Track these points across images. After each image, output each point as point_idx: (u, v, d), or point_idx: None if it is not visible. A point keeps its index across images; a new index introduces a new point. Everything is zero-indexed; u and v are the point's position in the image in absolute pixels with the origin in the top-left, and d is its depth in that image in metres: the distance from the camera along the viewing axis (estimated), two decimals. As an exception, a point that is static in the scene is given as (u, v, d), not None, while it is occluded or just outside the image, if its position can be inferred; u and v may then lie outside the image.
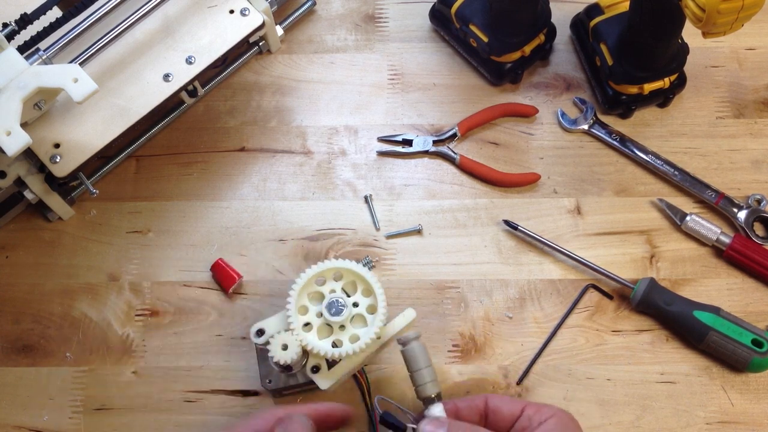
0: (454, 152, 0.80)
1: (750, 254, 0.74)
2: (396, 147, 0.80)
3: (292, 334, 0.64)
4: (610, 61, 0.78)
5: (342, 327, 0.66)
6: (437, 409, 0.60)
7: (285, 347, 0.63)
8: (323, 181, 0.79)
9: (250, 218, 0.78)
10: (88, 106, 0.72)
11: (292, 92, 0.83)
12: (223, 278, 0.75)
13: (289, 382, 0.67)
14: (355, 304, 0.67)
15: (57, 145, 0.71)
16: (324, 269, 0.67)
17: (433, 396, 0.61)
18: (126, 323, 0.74)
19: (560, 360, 0.73)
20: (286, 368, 0.65)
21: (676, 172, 0.78)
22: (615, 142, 0.79)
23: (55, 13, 0.69)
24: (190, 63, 0.75)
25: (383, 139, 0.81)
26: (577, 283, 0.75)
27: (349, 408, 0.61)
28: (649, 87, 0.78)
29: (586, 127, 0.80)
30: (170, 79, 0.74)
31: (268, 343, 0.64)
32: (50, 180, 0.72)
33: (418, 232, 0.77)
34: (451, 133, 0.80)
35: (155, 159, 0.80)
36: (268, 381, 0.67)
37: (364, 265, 0.71)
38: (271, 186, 0.79)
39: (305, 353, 0.65)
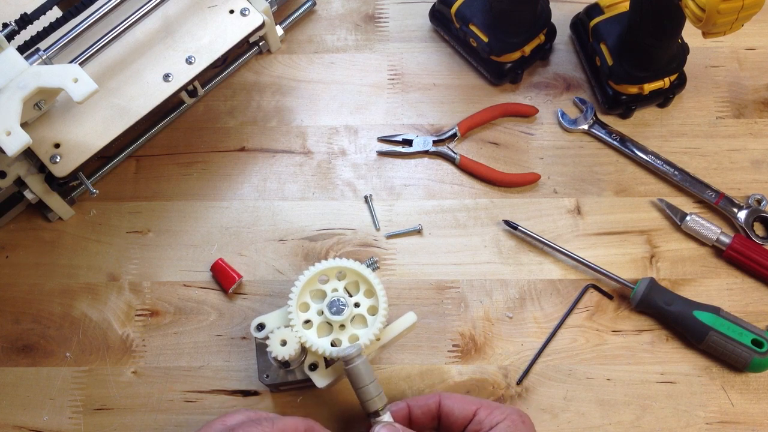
0: (454, 152, 0.80)
1: (750, 254, 0.74)
2: (396, 147, 0.80)
3: (291, 331, 0.64)
4: (610, 61, 0.78)
5: (342, 326, 0.66)
6: (386, 418, 0.62)
7: (284, 343, 0.63)
8: (323, 181, 0.79)
9: (250, 218, 0.78)
10: (88, 106, 0.72)
11: (292, 92, 0.83)
12: (223, 278, 0.75)
13: (287, 378, 0.67)
14: (357, 305, 0.67)
15: (57, 145, 0.71)
16: (328, 267, 0.67)
17: (380, 410, 0.62)
18: (126, 323, 0.74)
19: (560, 360, 0.73)
20: (284, 364, 0.65)
21: (676, 172, 0.78)
22: (615, 142, 0.79)
23: (55, 13, 0.69)
24: (190, 63, 0.75)
25: (383, 139, 0.81)
26: (577, 283, 0.75)
27: None
28: (649, 87, 0.78)
29: (586, 127, 0.80)
30: (170, 79, 0.74)
31: (267, 338, 0.64)
32: (50, 180, 0.72)
33: (418, 232, 0.77)
34: (451, 133, 0.80)
35: (155, 159, 0.80)
36: (265, 376, 0.67)
37: (368, 266, 0.71)
38: (271, 186, 0.79)
39: (304, 350, 0.65)
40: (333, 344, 0.65)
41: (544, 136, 0.81)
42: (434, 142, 0.80)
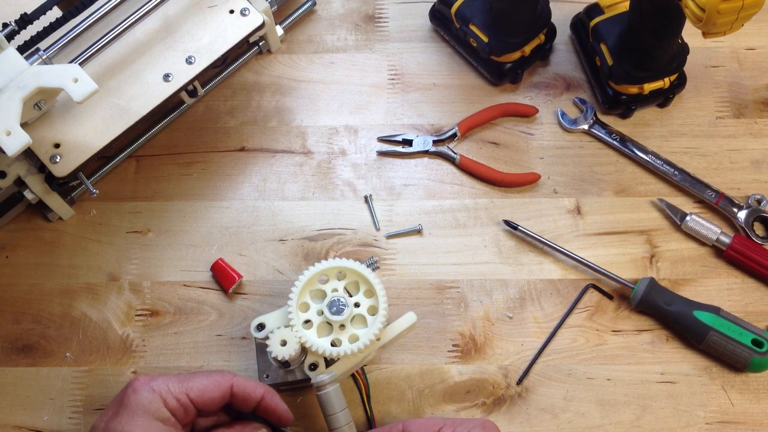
0: (454, 152, 0.80)
1: (750, 254, 0.74)
2: (396, 147, 0.80)
3: (291, 331, 0.64)
4: (610, 61, 0.78)
5: (342, 326, 0.66)
6: None
7: (284, 343, 0.64)
8: (323, 181, 0.79)
9: (250, 218, 0.78)
10: (88, 106, 0.72)
11: (292, 92, 0.83)
12: (223, 278, 0.75)
13: (287, 378, 0.67)
14: (357, 305, 0.67)
15: (57, 145, 0.71)
16: (327, 267, 0.67)
17: None
18: (126, 323, 0.74)
19: (560, 360, 0.73)
20: (284, 364, 0.65)
21: (676, 172, 0.78)
22: (615, 142, 0.79)
23: (55, 13, 0.69)
24: (190, 63, 0.75)
25: (383, 139, 0.81)
26: (577, 283, 0.75)
27: (291, 416, 0.64)
28: (649, 87, 0.78)
29: (586, 127, 0.80)
30: (170, 79, 0.74)
31: (267, 338, 0.64)
32: (50, 180, 0.72)
33: (418, 232, 0.77)
34: (451, 133, 0.80)
35: (155, 159, 0.80)
36: (265, 376, 0.67)
37: (368, 266, 0.71)
38: (271, 186, 0.79)
39: (304, 350, 0.65)
40: (333, 344, 0.65)
41: (544, 136, 0.81)
42: (434, 142, 0.80)
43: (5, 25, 0.67)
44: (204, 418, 0.63)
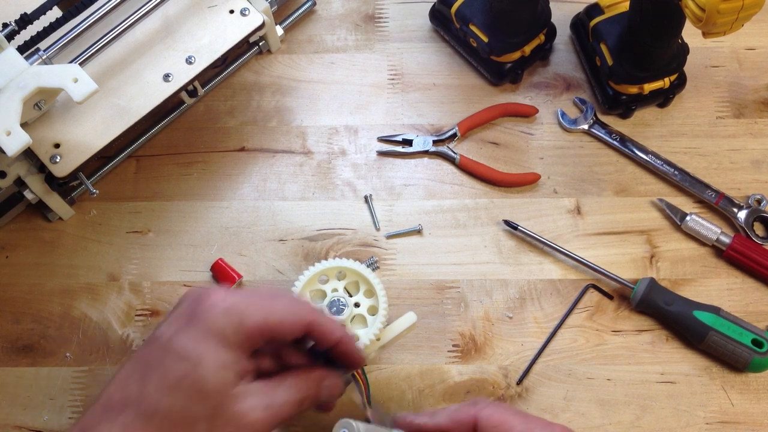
0: (454, 152, 0.80)
1: (750, 254, 0.74)
2: (396, 147, 0.80)
3: None
4: (610, 61, 0.78)
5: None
6: None
7: None
8: (323, 181, 0.79)
9: (250, 218, 0.78)
10: (88, 106, 0.72)
11: (292, 92, 0.83)
12: (223, 278, 0.75)
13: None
14: (357, 305, 0.67)
15: (57, 145, 0.71)
16: (327, 267, 0.67)
17: None
18: (126, 323, 0.74)
19: (560, 360, 0.73)
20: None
21: (676, 172, 0.78)
22: (615, 142, 0.79)
23: (55, 13, 0.69)
24: (190, 63, 0.75)
25: (383, 139, 0.81)
26: (577, 283, 0.75)
27: (364, 360, 0.58)
28: (649, 87, 0.78)
29: (586, 127, 0.80)
30: (170, 79, 0.74)
31: None
32: (50, 180, 0.72)
33: (418, 232, 0.77)
34: (451, 133, 0.80)
35: (155, 159, 0.80)
36: None
37: (368, 266, 0.71)
38: (271, 186, 0.79)
39: (304, 351, 0.66)
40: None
41: (544, 136, 0.81)
42: (434, 142, 0.80)
43: (5, 25, 0.67)
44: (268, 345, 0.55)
